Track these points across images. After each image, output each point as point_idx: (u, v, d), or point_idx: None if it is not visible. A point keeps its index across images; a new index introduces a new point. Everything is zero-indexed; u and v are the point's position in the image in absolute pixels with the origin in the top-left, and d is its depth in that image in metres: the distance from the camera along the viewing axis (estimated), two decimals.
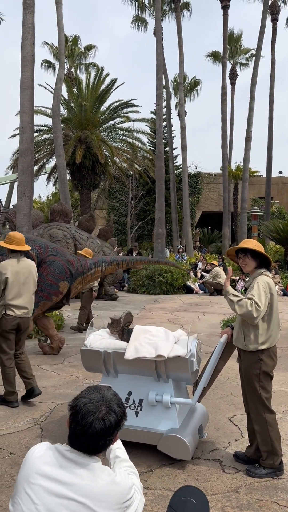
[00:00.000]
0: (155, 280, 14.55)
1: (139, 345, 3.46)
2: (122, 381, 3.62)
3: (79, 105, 21.18)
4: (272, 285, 3.26)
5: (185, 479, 3.21)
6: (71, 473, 1.51)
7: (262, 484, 3.16)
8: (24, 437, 3.88)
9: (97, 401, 1.60)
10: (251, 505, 2.90)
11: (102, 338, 3.80)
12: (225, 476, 3.28)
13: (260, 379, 3.27)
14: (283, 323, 9.31)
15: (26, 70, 9.84)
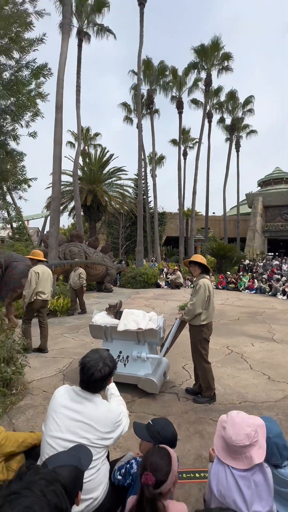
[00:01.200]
0: (136, 279, 14.54)
1: (127, 322, 3.48)
2: (116, 344, 3.61)
3: (89, 169, 21.21)
4: (209, 284, 3.31)
5: (155, 406, 3.22)
6: (82, 404, 1.53)
7: (203, 408, 3.18)
8: (52, 381, 3.81)
9: (96, 359, 1.64)
10: (196, 421, 2.92)
11: (103, 317, 3.79)
12: (180, 403, 3.30)
13: (201, 342, 3.31)
14: (216, 307, 9.40)
15: (56, 147, 9.83)
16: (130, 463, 1.66)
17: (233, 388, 3.61)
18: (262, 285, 13.64)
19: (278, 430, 1.68)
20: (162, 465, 1.28)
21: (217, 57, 23.99)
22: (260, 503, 1.33)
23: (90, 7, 18.25)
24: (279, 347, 5.31)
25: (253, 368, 4.29)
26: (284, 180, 35.31)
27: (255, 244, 26.87)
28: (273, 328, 6.68)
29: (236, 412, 1.54)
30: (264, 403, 3.24)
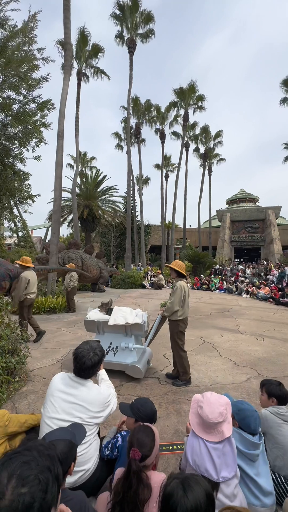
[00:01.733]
0: (125, 281, 14.45)
1: (116, 317, 3.45)
2: (107, 337, 3.57)
3: (86, 187, 21.06)
4: (185, 286, 3.32)
5: (140, 389, 3.19)
6: (76, 389, 1.51)
7: (181, 390, 3.18)
8: (52, 369, 3.70)
9: (87, 349, 1.63)
10: (174, 401, 2.92)
11: (96, 314, 3.74)
12: (161, 386, 3.28)
13: (178, 334, 3.31)
14: (191, 304, 9.48)
15: (58, 168, 9.73)
16: (116, 437, 1.65)
17: (205, 373, 3.63)
18: (230, 286, 13.88)
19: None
20: (147, 441, 1.29)
21: (193, 98, 24.64)
22: (227, 469, 1.36)
23: (87, 52, 18.41)
24: (243, 337, 5.39)
25: (222, 355, 4.34)
26: (247, 199, 36.37)
27: (224, 252, 27.40)
28: (239, 322, 6.79)
29: (209, 393, 1.56)
30: (231, 385, 3.28)
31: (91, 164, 29.47)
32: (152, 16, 18.36)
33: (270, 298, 10.78)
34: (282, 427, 1.77)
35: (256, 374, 3.59)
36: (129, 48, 18.71)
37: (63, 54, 13.13)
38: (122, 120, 26.14)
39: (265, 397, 1.95)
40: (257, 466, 1.55)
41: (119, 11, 18.11)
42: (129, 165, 19.18)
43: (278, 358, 4.23)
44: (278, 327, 6.29)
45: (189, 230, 33.06)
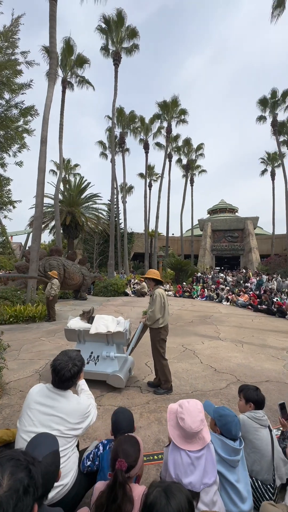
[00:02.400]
0: (108, 289, 14.30)
1: (98, 326, 3.40)
2: (88, 346, 3.50)
3: (69, 194, 20.86)
4: (163, 293, 3.34)
5: (121, 398, 3.14)
6: (54, 400, 1.47)
7: (162, 398, 3.17)
8: (29, 381, 3.55)
9: (66, 360, 1.59)
10: (155, 409, 2.90)
11: (77, 322, 3.67)
12: (142, 395, 3.25)
13: (159, 342, 3.31)
14: (173, 312, 9.56)
15: (40, 174, 9.60)
16: (97, 447, 1.61)
17: (186, 380, 3.65)
18: (211, 293, 14.16)
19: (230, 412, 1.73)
20: (132, 451, 1.27)
21: (176, 111, 25.50)
22: (208, 476, 1.36)
23: (73, 62, 18.58)
24: (224, 344, 5.49)
25: (203, 362, 4.38)
26: (227, 209, 37.72)
27: (205, 260, 28.02)
28: (219, 329, 6.91)
29: (186, 402, 1.52)
30: (211, 391, 3.32)
31: (74, 171, 29.31)
32: (136, 32, 18.98)
33: (249, 305, 11.12)
34: (259, 431, 1.82)
35: (235, 380, 3.66)
36: (114, 60, 19.13)
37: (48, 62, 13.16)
38: (107, 129, 26.43)
39: (243, 402, 2.00)
40: (238, 472, 1.56)
41: (105, 25, 18.56)
42: (113, 173, 19.32)
43: (256, 364, 4.35)
44: (256, 333, 6.48)
45: (172, 238, 33.56)
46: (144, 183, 27.03)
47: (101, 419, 2.62)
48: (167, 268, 21.17)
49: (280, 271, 18.87)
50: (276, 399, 3.10)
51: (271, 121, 24.07)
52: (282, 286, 13.40)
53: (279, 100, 23.32)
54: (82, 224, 20.05)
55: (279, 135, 24.24)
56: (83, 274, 12.03)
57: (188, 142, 29.52)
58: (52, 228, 21.21)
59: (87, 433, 2.40)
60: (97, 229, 22.79)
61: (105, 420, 2.62)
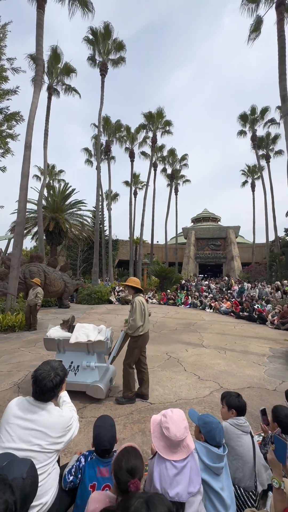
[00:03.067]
0: (91, 296, 14.08)
1: (78, 335, 3.34)
2: (68, 355, 3.41)
3: (53, 200, 20.52)
4: (143, 301, 3.32)
5: (104, 410, 3.07)
6: (35, 413, 1.42)
7: (146, 408, 3.13)
8: (7, 394, 3.40)
9: (48, 370, 1.55)
10: (139, 420, 2.86)
11: (57, 331, 3.58)
12: (126, 406, 3.20)
13: (134, 350, 3.26)
14: (158, 319, 9.56)
15: (23, 179, 9.43)
16: (78, 460, 1.56)
17: (170, 389, 3.64)
18: (195, 301, 14.33)
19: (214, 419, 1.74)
20: (140, 465, 1.23)
21: (161, 122, 26.18)
22: (192, 484, 1.35)
23: (60, 70, 18.66)
24: (207, 351, 5.54)
25: (186, 370, 4.39)
26: (210, 218, 38.75)
27: (189, 267, 28.43)
28: (203, 336, 6.99)
29: (170, 411, 1.51)
30: (195, 399, 3.33)
31: (59, 177, 29.01)
32: (123, 45, 19.46)
33: (231, 312, 11.36)
34: (241, 438, 1.85)
35: (219, 387, 3.69)
36: (101, 70, 19.43)
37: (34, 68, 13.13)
38: (93, 136, 26.58)
39: (225, 409, 2.03)
40: (222, 480, 1.56)
41: (92, 36, 18.89)
42: (99, 180, 19.31)
43: (239, 370, 4.43)
44: (238, 340, 6.62)
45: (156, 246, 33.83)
46: (130, 191, 27.25)
47: (83, 432, 2.54)
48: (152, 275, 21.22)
49: (261, 279, 19.51)
50: (257, 405, 3.16)
51: (251, 136, 25.31)
52: (262, 293, 13.84)
53: (258, 116, 24.66)
54: (66, 230, 19.72)
55: (258, 149, 25.51)
56: (65, 281, 11.76)
57: (173, 152, 30.27)
58: (35, 234, 20.73)
59: (68, 447, 2.32)
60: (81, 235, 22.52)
61: (87, 433, 2.54)
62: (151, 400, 3.29)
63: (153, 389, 3.61)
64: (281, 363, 4.92)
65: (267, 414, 2.07)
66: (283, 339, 6.71)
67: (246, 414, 2.03)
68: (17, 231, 9.46)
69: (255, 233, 29.48)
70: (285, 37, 12.45)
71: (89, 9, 13.61)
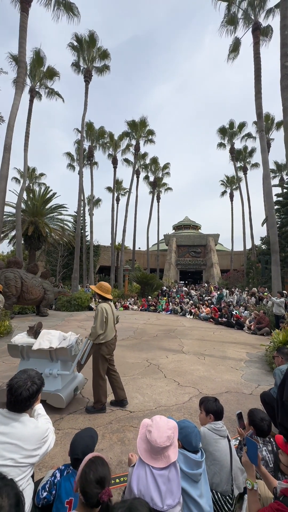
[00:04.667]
0: (71, 303, 13.73)
1: (42, 341, 3.28)
2: (32, 362, 3.33)
3: (33, 204, 19.96)
4: (107, 308, 3.28)
5: (82, 420, 2.99)
6: (8, 426, 1.37)
7: (125, 417, 3.09)
8: None
9: (25, 378, 1.51)
10: (119, 429, 2.82)
11: (22, 338, 3.49)
12: (105, 415, 3.14)
13: (99, 359, 3.21)
14: (138, 326, 9.51)
15: (2, 182, 9.16)
16: (54, 474, 1.50)
17: (150, 396, 3.62)
18: (175, 307, 14.47)
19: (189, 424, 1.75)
20: (108, 473, 1.20)
21: (144, 131, 26.66)
22: (171, 497, 1.34)
23: (43, 73, 18.50)
24: (187, 357, 5.60)
25: (166, 376, 4.39)
26: (191, 226, 39.67)
27: (171, 274, 28.75)
28: (183, 342, 7.05)
29: (158, 417, 1.53)
30: (174, 406, 3.33)
31: (39, 180, 28.41)
32: (108, 54, 19.75)
33: (210, 318, 11.59)
34: (218, 442, 1.88)
35: (198, 393, 3.73)
36: (85, 77, 19.51)
37: (16, 70, 12.92)
38: (76, 141, 26.40)
39: (203, 414, 2.06)
40: (200, 487, 1.57)
41: (77, 43, 18.99)
42: (81, 185, 19.17)
43: (217, 376, 4.51)
44: (217, 346, 6.76)
45: (138, 252, 33.91)
46: (112, 197, 27.26)
47: (59, 445, 2.45)
48: (133, 281, 21.17)
49: (238, 285, 20.17)
50: (235, 409, 3.24)
51: (230, 149, 26.50)
52: (240, 299, 14.30)
53: (236, 130, 25.94)
54: (45, 235, 19.20)
55: (236, 161, 26.73)
56: (45, 289, 11.33)
57: (155, 161, 30.85)
58: (12, 238, 19.98)
59: (43, 461, 2.22)
60: (61, 240, 22.02)
61: (63, 445, 2.45)
62: (130, 408, 3.25)
63: (133, 397, 3.57)
64: (257, 367, 5.08)
65: (243, 418, 2.13)
66: (259, 344, 6.95)
67: (224, 419, 2.07)
68: None
69: (233, 241, 30.61)
70: (260, 58, 13.32)
71: (75, 13, 13.75)
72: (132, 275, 20.99)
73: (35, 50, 17.68)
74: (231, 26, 14.96)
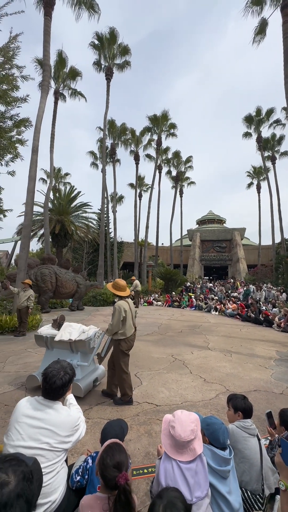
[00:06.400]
0: (97, 298, 14.11)
1: (63, 333, 3.46)
2: (55, 352, 3.54)
3: (59, 203, 20.77)
4: (124, 306, 3.30)
5: (110, 411, 3.09)
6: (43, 412, 1.46)
7: (152, 410, 3.14)
8: (14, 394, 3.44)
9: (58, 368, 1.59)
10: (146, 422, 2.87)
11: (47, 329, 3.72)
12: (132, 407, 3.21)
13: (119, 354, 3.27)
14: (163, 322, 9.53)
15: (30, 183, 9.58)
16: (86, 460, 1.58)
17: (176, 391, 3.63)
18: (200, 303, 14.25)
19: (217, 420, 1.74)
20: (125, 459, 1.26)
21: (166, 125, 26.29)
22: (200, 489, 1.36)
23: (65, 74, 18.96)
24: (213, 354, 5.51)
25: (192, 372, 4.38)
26: (215, 220, 38.60)
27: (194, 269, 28.34)
28: (208, 339, 6.94)
29: (180, 412, 1.54)
30: (200, 402, 3.32)
31: (65, 180, 29.36)
32: (128, 49, 19.68)
33: (237, 314, 11.27)
34: (248, 440, 1.84)
35: (225, 390, 3.67)
36: (106, 75, 19.67)
37: (41, 73, 13.38)
38: (98, 140, 26.84)
39: (231, 411, 2.02)
40: (229, 483, 1.55)
41: (98, 41, 19.16)
42: (104, 183, 19.49)
43: (245, 373, 4.39)
44: (244, 343, 6.56)
45: (161, 248, 33.82)
46: (135, 193, 27.39)
47: (89, 433, 2.56)
48: (157, 277, 21.21)
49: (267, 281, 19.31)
50: (264, 408, 3.14)
51: (256, 138, 25.20)
52: (270, 295, 13.69)
53: (264, 118, 24.54)
54: (71, 233, 19.91)
55: (264, 150, 25.37)
56: (77, 283, 11.65)
57: (178, 155, 30.33)
58: (41, 237, 20.97)
59: (75, 447, 2.34)
60: (86, 238, 22.68)
61: (94, 433, 2.56)
62: (157, 402, 3.29)
63: (159, 391, 3.61)
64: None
65: (273, 417, 2.06)
66: None
67: (252, 418, 2.02)
68: (24, 233, 9.59)
69: (261, 235, 29.25)
70: None
71: (95, 10, 13.82)
72: (156, 271, 21.03)
73: (57, 52, 18.17)
74: (256, 7, 14.09)
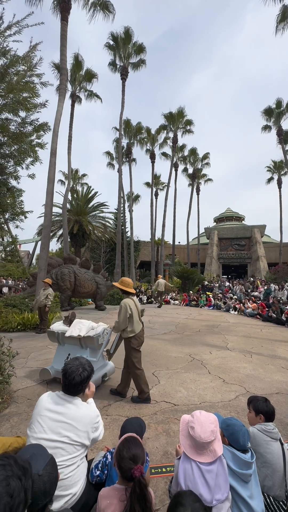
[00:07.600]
0: (114, 297, 14.26)
1: (73, 329, 3.58)
2: (67, 347, 3.67)
3: (76, 203, 21.30)
4: (130, 303, 3.30)
5: (128, 409, 3.11)
6: (64, 406, 1.50)
7: (170, 409, 3.12)
8: (37, 389, 3.57)
9: (76, 365, 1.63)
10: (163, 420, 2.86)
11: (59, 325, 3.85)
12: (150, 405, 3.22)
13: (131, 351, 3.28)
14: (180, 321, 9.46)
15: (49, 184, 9.88)
16: (105, 456, 1.60)
17: (194, 391, 3.59)
18: (218, 302, 13.98)
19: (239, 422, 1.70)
20: (141, 453, 1.27)
21: (182, 122, 25.98)
22: (220, 491, 1.33)
23: (82, 77, 19.30)
24: (232, 354, 5.40)
25: (211, 373, 4.31)
26: (234, 217, 37.62)
27: (212, 268, 27.83)
28: (227, 338, 6.80)
29: (198, 412, 1.52)
30: (220, 403, 3.25)
31: (82, 181, 29.96)
32: (144, 47, 19.64)
33: (257, 314, 10.93)
34: (270, 444, 1.77)
35: (245, 392, 3.58)
36: (121, 75, 19.77)
37: (58, 77, 13.72)
38: (114, 140, 27.07)
39: (252, 414, 1.96)
40: (250, 487, 1.50)
41: (113, 42, 19.30)
42: (120, 183, 19.65)
43: (266, 375, 4.25)
44: (265, 344, 6.35)
45: (178, 246, 33.54)
46: (151, 192, 27.35)
47: (108, 429, 2.60)
48: (174, 276, 21.06)
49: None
50: (287, 411, 3.02)
51: (277, 131, 24.22)
52: None
53: (284, 110, 23.53)
54: (89, 232, 20.31)
55: (285, 143, 24.32)
56: (97, 283, 11.60)
57: (194, 152, 29.88)
58: (60, 237, 21.58)
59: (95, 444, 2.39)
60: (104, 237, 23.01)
61: (112, 430, 2.60)
62: (174, 401, 3.27)
63: (177, 390, 3.59)
64: None
65: None
66: None
67: (275, 421, 1.95)
68: (44, 234, 9.92)
69: (282, 231, 28.08)
70: None
71: (110, 10, 13.91)
72: (173, 270, 20.90)
73: (74, 55, 18.54)
74: None
